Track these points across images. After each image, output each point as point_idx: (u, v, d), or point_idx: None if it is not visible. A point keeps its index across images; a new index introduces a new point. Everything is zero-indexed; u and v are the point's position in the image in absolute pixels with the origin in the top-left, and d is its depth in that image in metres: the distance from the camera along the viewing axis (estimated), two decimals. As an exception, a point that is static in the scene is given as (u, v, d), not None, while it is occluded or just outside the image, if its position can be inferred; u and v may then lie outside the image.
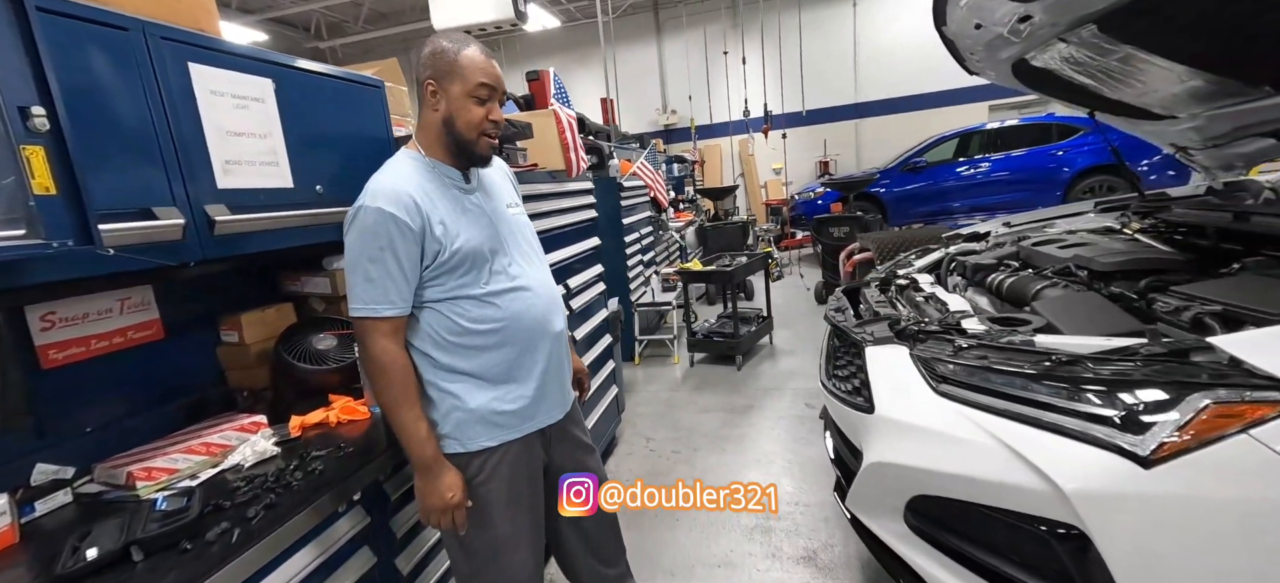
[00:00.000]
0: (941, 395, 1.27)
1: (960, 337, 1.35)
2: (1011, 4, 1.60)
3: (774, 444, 3.04)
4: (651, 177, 4.71)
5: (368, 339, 1.23)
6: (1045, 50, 1.90)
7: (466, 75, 1.25)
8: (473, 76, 1.25)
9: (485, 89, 1.26)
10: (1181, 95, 1.78)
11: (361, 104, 1.83)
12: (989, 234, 2.42)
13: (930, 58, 10.51)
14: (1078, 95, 2.14)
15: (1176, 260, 1.47)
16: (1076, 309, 1.32)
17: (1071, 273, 1.58)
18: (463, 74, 1.25)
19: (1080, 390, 1.01)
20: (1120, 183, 7.60)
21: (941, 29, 2.04)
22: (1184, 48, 1.52)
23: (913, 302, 1.79)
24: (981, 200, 8.06)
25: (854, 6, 10.86)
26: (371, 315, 1.22)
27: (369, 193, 1.23)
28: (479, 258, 1.29)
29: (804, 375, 4.00)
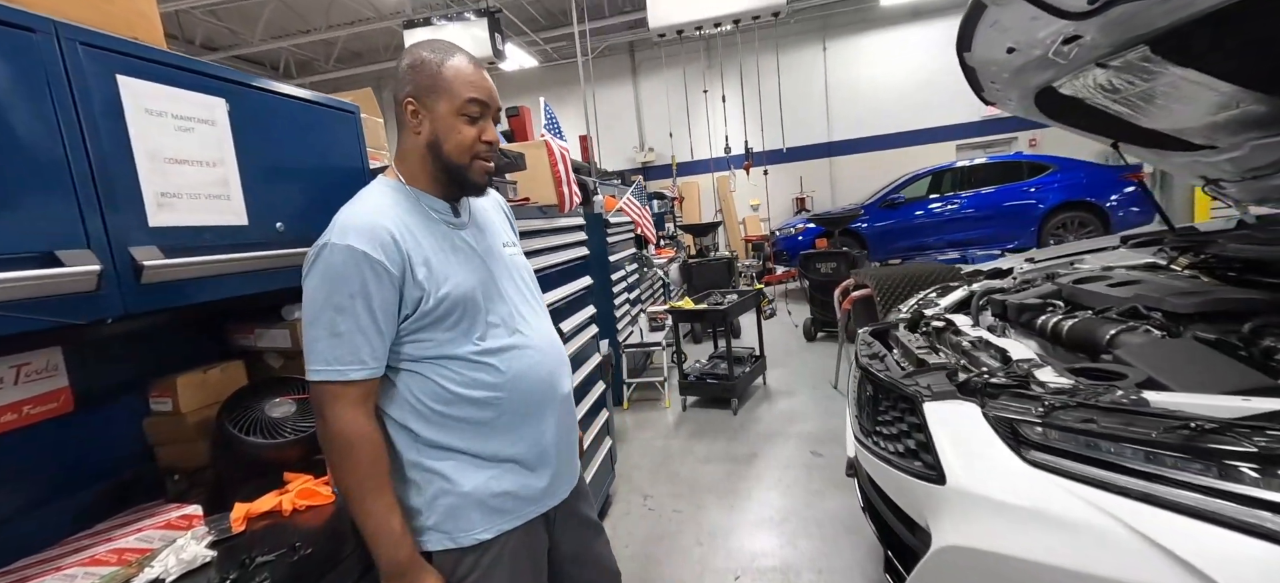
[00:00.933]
0: (1033, 465, 1.07)
1: (1042, 392, 1.15)
2: (1058, 24, 1.48)
3: (785, 499, 2.80)
4: (639, 212, 4.54)
5: (330, 409, 0.97)
6: (1078, 77, 1.79)
7: (454, 90, 1.04)
8: (461, 91, 1.04)
9: (477, 105, 1.06)
10: (1227, 123, 1.68)
11: (334, 132, 1.60)
12: (1011, 270, 2.28)
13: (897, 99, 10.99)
14: (1102, 125, 2.05)
15: (1265, 301, 1.33)
16: (1178, 360, 1.15)
17: (1140, 315, 1.42)
18: (449, 89, 1.04)
19: (1244, 467, 0.82)
20: (1091, 218, 7.81)
21: (963, 55, 1.92)
22: (1248, 69, 1.42)
23: (956, 346, 1.61)
24: (958, 235, 8.17)
25: (824, 50, 11.16)
26: (336, 379, 0.96)
27: (336, 228, 0.99)
28: (471, 307, 1.06)
29: (804, 418, 3.79)
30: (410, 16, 8.58)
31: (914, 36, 10.81)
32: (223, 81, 1.25)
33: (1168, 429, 0.91)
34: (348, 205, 1.05)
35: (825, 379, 4.47)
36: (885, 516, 1.54)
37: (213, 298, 1.19)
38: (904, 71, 10.94)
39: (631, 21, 10.44)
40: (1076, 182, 7.91)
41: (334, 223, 1.01)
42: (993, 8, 1.57)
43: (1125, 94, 1.78)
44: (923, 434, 1.30)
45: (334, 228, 1.00)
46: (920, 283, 3.48)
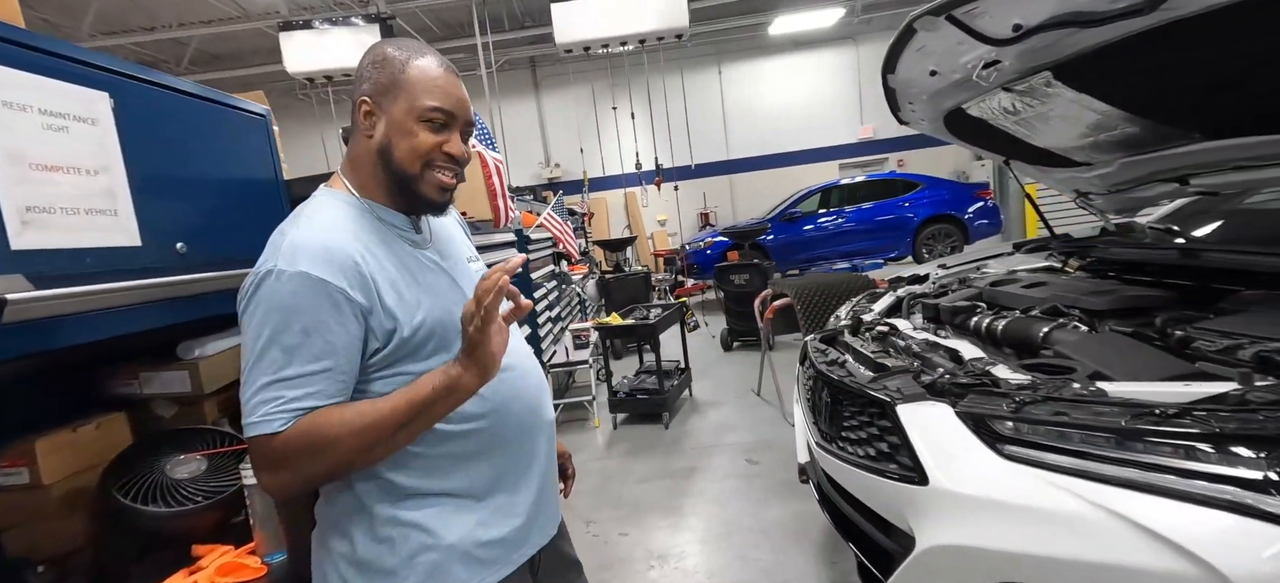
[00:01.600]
0: (1010, 460, 1.13)
1: (1007, 388, 1.23)
2: (981, 50, 1.62)
3: (729, 511, 2.81)
4: (560, 228, 4.42)
5: (282, 457, 0.80)
6: (985, 99, 1.98)
7: (414, 92, 0.90)
8: (422, 95, 0.90)
9: (440, 114, 0.91)
10: (1105, 143, 1.94)
11: (242, 138, 1.37)
12: (928, 276, 2.47)
13: (787, 120, 11.77)
14: (999, 143, 2.29)
15: (1162, 297, 1.53)
16: (1110, 352, 1.28)
17: (1061, 313, 1.58)
18: (409, 90, 0.90)
19: (1218, 448, 0.90)
20: (954, 229, 8.86)
21: (887, 77, 2.06)
22: (1128, 95, 1.64)
23: (906, 349, 1.69)
24: (847, 247, 8.91)
25: (720, 73, 11.74)
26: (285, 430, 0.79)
27: (285, 250, 0.82)
28: (448, 334, 0.92)
29: (735, 428, 3.86)
30: (286, 18, 7.81)
31: (799, 63, 11.68)
32: (106, 72, 1.01)
33: (1135, 416, 0.99)
34: (292, 223, 0.88)
35: (747, 387, 4.60)
36: (854, 520, 1.57)
37: (98, 337, 0.95)
38: (792, 95, 11.77)
39: (534, 36, 10.29)
40: (941, 197, 8.95)
41: (278, 245, 0.84)
42: (922, 33, 1.69)
43: (1023, 116, 2.00)
44: (897, 437, 1.34)
45: (280, 251, 0.82)
46: (834, 292, 3.70)
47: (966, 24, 1.53)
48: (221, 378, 1.32)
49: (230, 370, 1.36)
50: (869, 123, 11.72)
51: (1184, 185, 2.01)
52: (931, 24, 1.60)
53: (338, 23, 7.58)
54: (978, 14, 1.48)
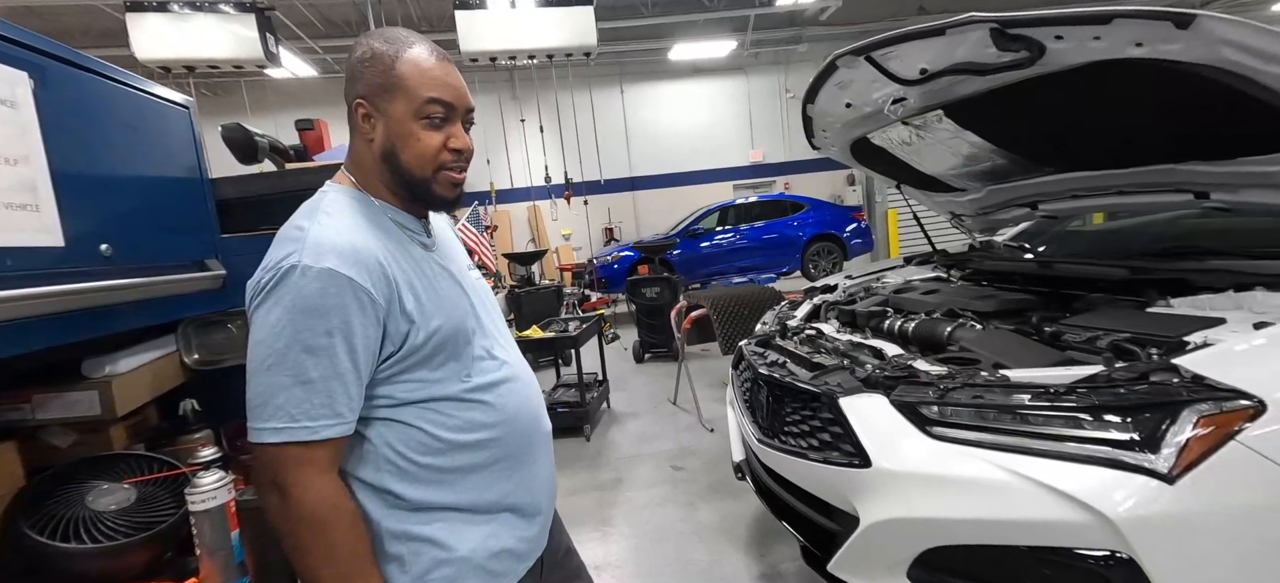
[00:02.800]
0: (938, 439, 1.32)
1: (931, 379, 1.43)
2: (892, 88, 1.87)
3: (661, 517, 2.88)
4: (476, 239, 4.29)
5: (295, 479, 0.76)
6: (887, 131, 2.27)
7: (411, 89, 0.88)
8: (420, 89, 0.88)
9: (440, 107, 0.89)
10: (978, 173, 2.30)
11: (165, 130, 1.23)
12: (837, 286, 2.74)
13: (686, 141, 12.32)
14: (894, 169, 2.61)
15: (1030, 300, 1.84)
16: (1002, 346, 1.52)
17: (957, 315, 1.84)
18: (405, 87, 0.88)
19: (1092, 418, 1.13)
20: (835, 247, 9.77)
21: (807, 106, 2.29)
22: (1000, 133, 1.97)
23: (835, 350, 1.88)
24: (744, 262, 9.49)
25: (622, 93, 12.04)
26: (306, 439, 0.76)
27: (310, 245, 0.78)
28: (461, 340, 0.92)
29: (655, 437, 3.96)
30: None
31: (696, 89, 12.30)
32: (25, 49, 0.88)
33: (1034, 396, 1.21)
34: (309, 218, 0.83)
35: (664, 397, 4.74)
36: (797, 508, 1.71)
37: (12, 354, 0.81)
38: (690, 118, 12.35)
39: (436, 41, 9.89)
40: (824, 218, 9.85)
41: (299, 239, 0.79)
42: (842, 69, 1.91)
43: (916, 146, 2.31)
44: (839, 427, 1.49)
45: (304, 245, 0.78)
46: (747, 303, 3.95)
47: (881, 65, 1.76)
48: (135, 399, 1.16)
49: (145, 390, 1.19)
50: (758, 147, 12.60)
51: (1034, 210, 2.44)
52: (852, 62, 1.82)
53: (202, 8, 6.77)
54: (892, 57, 1.71)
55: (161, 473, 1.03)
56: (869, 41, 1.69)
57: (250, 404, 0.77)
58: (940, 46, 1.57)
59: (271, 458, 0.76)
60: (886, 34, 1.63)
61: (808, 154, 13.11)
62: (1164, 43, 1.25)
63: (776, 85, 12.14)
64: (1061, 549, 1.10)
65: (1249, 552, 1.02)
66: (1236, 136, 1.54)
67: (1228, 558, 1.02)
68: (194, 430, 1.35)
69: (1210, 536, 1.02)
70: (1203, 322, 1.30)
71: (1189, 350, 1.19)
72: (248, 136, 1.85)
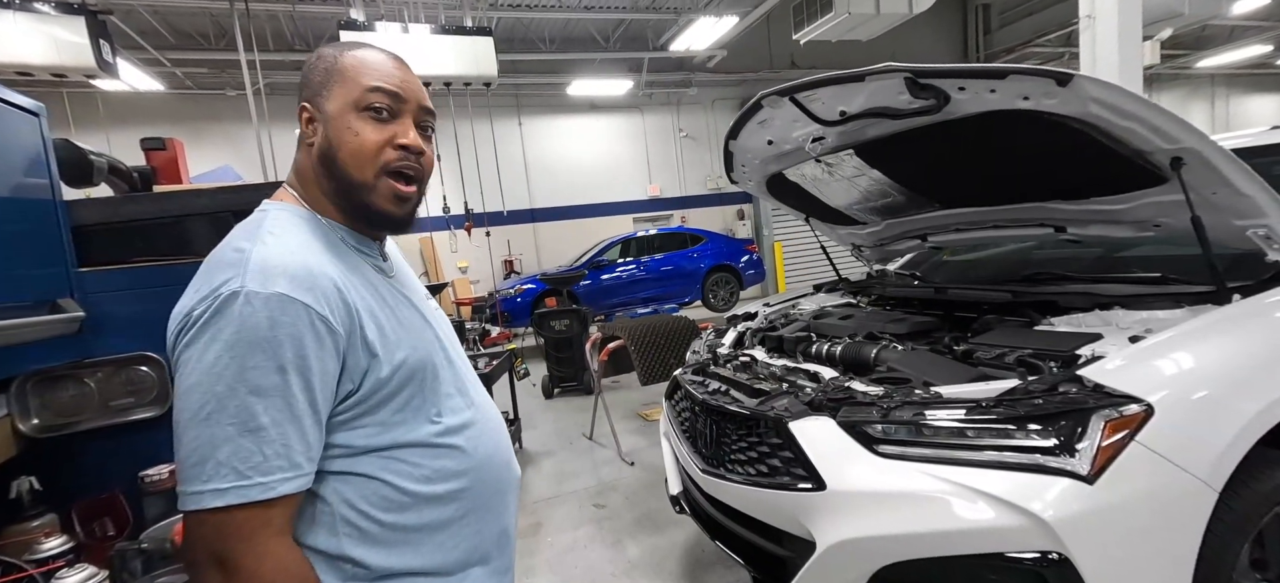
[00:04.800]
0: (885, 457, 1.38)
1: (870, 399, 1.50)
2: (812, 128, 2.00)
3: (592, 558, 2.75)
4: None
5: (245, 550, 0.64)
6: (800, 167, 2.43)
7: (350, 77, 0.79)
8: (359, 77, 0.79)
9: (382, 96, 0.79)
10: (879, 207, 2.53)
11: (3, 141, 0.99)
12: (757, 313, 2.85)
13: (585, 175, 12.44)
14: (804, 203, 2.80)
15: (934, 323, 2.03)
16: (925, 365, 1.65)
17: (877, 338, 1.98)
18: (343, 78, 0.79)
19: (1018, 428, 1.24)
20: (731, 277, 10.27)
21: (729, 142, 2.38)
22: (901, 172, 2.18)
23: (771, 375, 1.93)
24: (648, 292, 9.67)
25: (520, 125, 11.93)
26: (258, 499, 0.63)
27: (254, 269, 0.66)
28: (428, 375, 0.82)
29: (574, 475, 3.82)
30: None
31: (595, 124, 12.51)
32: None
33: (969, 410, 1.31)
34: (248, 239, 0.71)
35: (578, 432, 4.61)
36: (744, 537, 1.71)
37: None
38: (589, 152, 12.49)
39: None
40: (721, 249, 10.35)
41: (239, 263, 0.67)
42: (767, 108, 2.02)
43: (825, 182, 2.49)
44: (789, 452, 1.52)
45: (246, 269, 0.65)
46: (664, 334, 3.99)
47: (804, 105, 1.88)
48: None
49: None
50: (656, 182, 13.02)
51: (923, 241, 2.72)
52: (776, 102, 1.92)
53: (14, 6, 5.75)
54: (815, 99, 1.83)
55: None
56: (796, 83, 1.80)
57: (182, 465, 0.62)
58: (860, 91, 1.71)
59: (214, 528, 0.62)
60: (812, 78, 1.75)
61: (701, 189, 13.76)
62: (1046, 96, 1.46)
63: (671, 124, 12.68)
64: (1000, 555, 1.18)
65: (1158, 538, 1.17)
66: (1089, 180, 1.83)
67: (1144, 548, 1.16)
68: (30, 516, 1.06)
69: (1127, 528, 1.15)
70: (1085, 337, 1.50)
71: (1082, 364, 1.36)
72: (81, 156, 1.54)
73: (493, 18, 8.99)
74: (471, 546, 0.84)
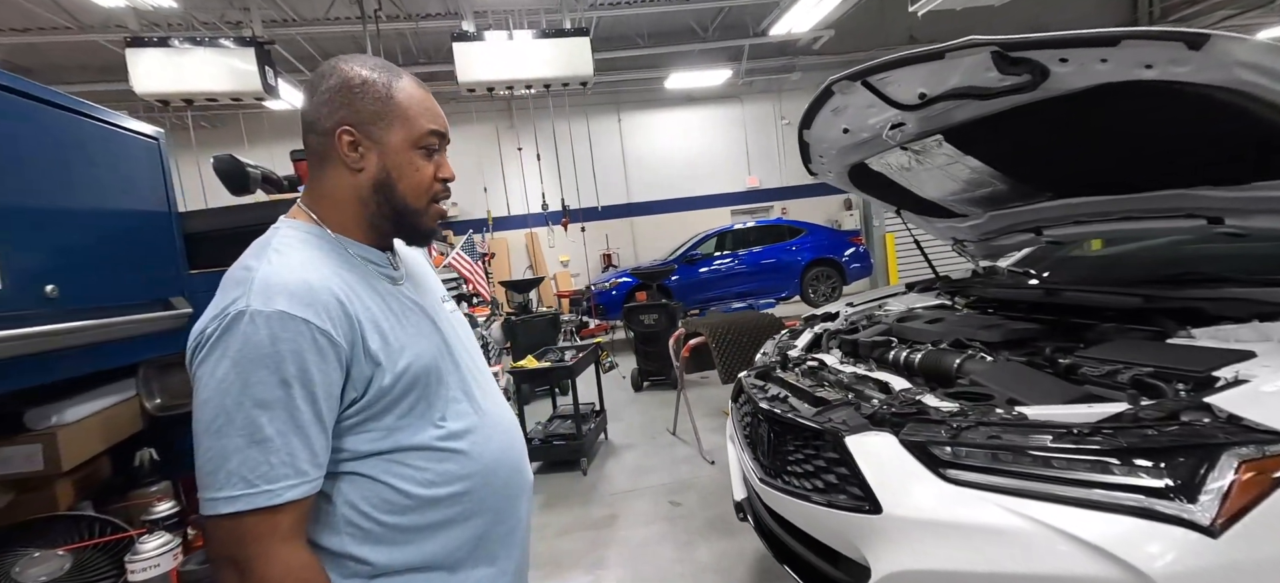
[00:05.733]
0: (953, 483, 1.22)
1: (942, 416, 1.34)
2: (889, 113, 1.82)
3: (656, 559, 2.75)
4: (470, 269, 4.22)
5: (256, 554, 0.69)
6: (884, 156, 2.22)
7: (411, 119, 0.85)
8: (420, 121, 0.86)
9: (436, 139, 0.88)
10: (979, 198, 2.25)
11: (129, 162, 1.17)
12: (838, 314, 2.67)
13: (682, 168, 12.38)
14: (892, 194, 2.56)
15: (1038, 330, 1.77)
16: (1015, 379, 1.44)
17: (964, 346, 1.76)
18: (405, 117, 0.84)
19: (1121, 462, 1.04)
20: (833, 272, 9.72)
21: (803, 132, 2.24)
22: (1002, 157, 1.92)
23: (838, 382, 1.80)
24: (742, 287, 9.44)
25: (619, 121, 12.13)
26: (265, 505, 0.68)
27: (258, 287, 0.72)
28: (432, 381, 0.85)
29: (653, 470, 3.84)
30: (136, 34, 6.90)
31: (692, 117, 12.41)
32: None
33: (1056, 437, 1.12)
34: (257, 257, 0.77)
35: (662, 427, 4.62)
36: (801, 554, 1.61)
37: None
38: (686, 145, 12.43)
39: (429, 73, 9.97)
40: (822, 243, 9.83)
41: (245, 281, 0.73)
42: (838, 95, 1.87)
43: (914, 172, 2.26)
44: (845, 468, 1.40)
45: (250, 288, 0.71)
46: (747, 331, 3.86)
47: (879, 89, 1.71)
48: (85, 451, 1.07)
49: (97, 441, 1.10)
50: (754, 174, 12.66)
51: (1038, 235, 2.37)
52: (848, 88, 1.77)
53: (203, 42, 6.83)
54: (889, 82, 1.66)
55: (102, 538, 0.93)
56: (866, 66, 1.65)
57: (200, 473, 0.69)
58: (939, 71, 1.52)
59: (227, 532, 0.68)
60: (884, 59, 1.59)
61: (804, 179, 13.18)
62: (1174, 64, 1.20)
63: (771, 112, 12.24)
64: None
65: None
66: (1248, 161, 1.48)
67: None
68: (149, 483, 1.25)
69: (1262, 595, 0.92)
70: (1230, 355, 1.22)
71: (1219, 387, 1.11)
72: (239, 167, 1.81)
73: (592, 17, 9.21)
74: (476, 546, 0.86)
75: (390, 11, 8.59)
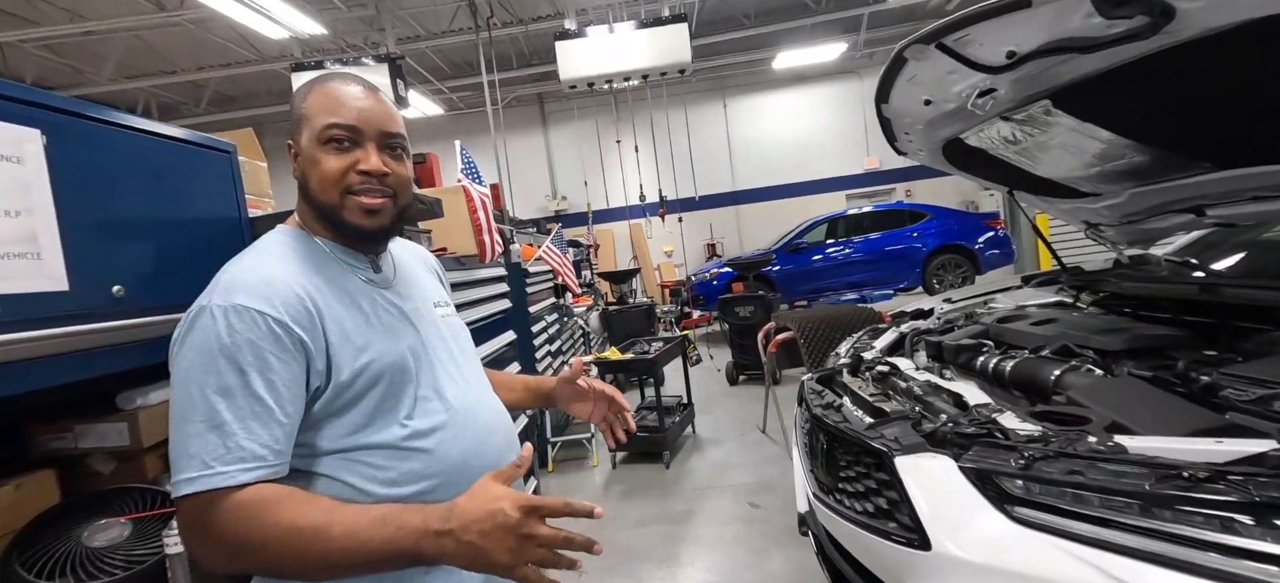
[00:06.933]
0: (1020, 523, 1.01)
1: (1014, 440, 1.11)
2: (975, 78, 1.55)
3: (728, 562, 2.65)
4: (559, 261, 4.37)
5: (212, 528, 0.71)
6: (983, 129, 1.90)
7: (313, 117, 0.86)
8: (318, 116, 0.86)
9: (340, 130, 0.85)
10: (1112, 172, 1.85)
11: (202, 174, 1.32)
12: (933, 311, 2.36)
13: (791, 152, 11.80)
14: (1000, 174, 2.20)
15: (1179, 337, 1.41)
16: (1129, 400, 1.16)
17: (1072, 353, 1.46)
18: (309, 117, 0.87)
19: (1260, 520, 0.78)
20: (964, 260, 8.69)
21: (881, 107, 1.99)
22: (1134, 122, 1.55)
23: (907, 391, 1.58)
24: (854, 277, 8.79)
25: (724, 107, 11.84)
26: (223, 486, 0.71)
27: (221, 285, 0.77)
28: (398, 379, 0.85)
29: (737, 467, 3.71)
30: (299, 60, 8.01)
31: (803, 97, 11.77)
32: (39, 108, 0.96)
33: (1161, 479, 0.88)
34: (235, 260, 0.83)
35: (752, 424, 4.46)
36: (848, 577, 1.44)
37: (11, 393, 0.88)
38: (796, 128, 11.83)
39: (539, 73, 10.47)
40: (950, 227, 8.82)
41: (215, 281, 0.79)
42: (912, 62, 1.62)
43: (1024, 145, 1.91)
44: (895, 492, 1.22)
45: (216, 287, 0.78)
46: (838, 325, 3.57)
47: (958, 52, 1.46)
48: (163, 431, 1.24)
49: (178, 421, 1.28)
50: (874, 154, 11.71)
51: (1200, 216, 1.90)
52: (921, 52, 1.53)
53: (348, 62, 7.75)
54: (968, 42, 1.41)
55: (155, 510, 1.08)
56: (939, 25, 1.41)
57: (170, 460, 0.75)
58: (1028, 23, 1.25)
59: (188, 511, 0.74)
60: (959, 14, 1.34)
61: (929, 158, 11.90)
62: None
63: (893, 86, 11.22)
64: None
65: None
66: None
67: None
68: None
69: None
70: None
71: None
72: None
73: (692, 2, 9.05)
74: None
75: (503, 17, 9.12)
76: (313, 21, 6.96)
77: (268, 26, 6.73)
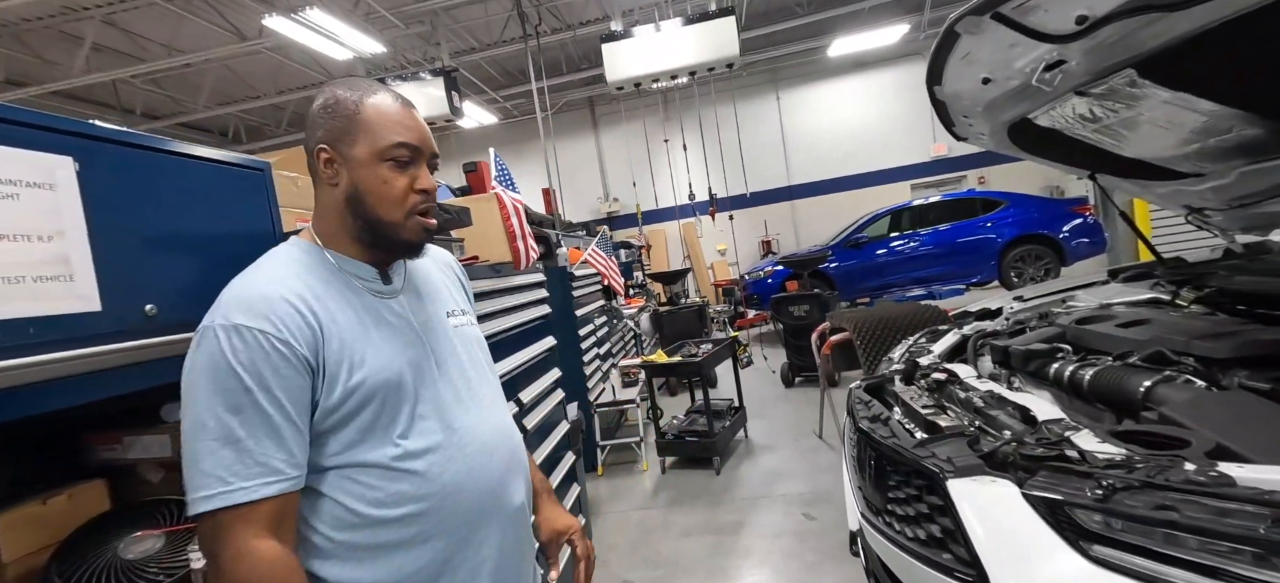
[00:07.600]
0: (1100, 565, 0.86)
1: (1092, 465, 0.96)
2: (1039, 50, 1.37)
3: (782, 577, 2.52)
4: (604, 263, 4.35)
5: (226, 546, 0.72)
6: (1055, 107, 1.70)
7: (375, 131, 0.85)
8: (384, 133, 0.85)
9: (405, 150, 0.86)
10: (1217, 149, 1.60)
11: (236, 194, 1.35)
12: (1000, 310, 2.14)
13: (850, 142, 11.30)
14: (1079, 156, 1.97)
15: (1305, 340, 1.19)
16: (1240, 419, 0.98)
17: (1167, 361, 1.26)
18: (369, 130, 0.85)
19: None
20: (1047, 251, 8.01)
21: (934, 89, 1.82)
22: (1243, 90, 1.33)
23: (966, 403, 1.42)
24: (921, 273, 8.29)
25: (778, 99, 11.50)
26: (240, 502, 0.72)
27: (221, 305, 0.78)
28: (395, 396, 0.83)
29: (790, 476, 3.55)
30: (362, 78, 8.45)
31: (862, 84, 11.26)
32: (70, 136, 1.00)
33: (1279, 521, 0.72)
34: (239, 276, 0.84)
35: (808, 428, 4.27)
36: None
37: (35, 411, 0.91)
38: (855, 117, 11.33)
39: (589, 77, 10.56)
40: (1029, 216, 8.15)
41: (219, 299, 0.80)
42: (965, 38, 1.46)
43: (1106, 123, 1.69)
44: (949, 519, 1.09)
45: (218, 305, 0.79)
46: (898, 325, 3.35)
47: (1018, 22, 1.30)
48: (207, 441, 1.29)
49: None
50: (942, 140, 11.02)
51: (1330, 195, 1.61)
52: (975, 26, 1.38)
53: (407, 78, 8.10)
54: (1030, 9, 1.24)
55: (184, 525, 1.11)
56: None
57: (184, 478, 0.76)
58: (1103, -22, 1.09)
59: (205, 529, 0.74)
60: (1017, -23, 1.19)
61: (1003, 142, 11.12)
62: None
63: (961, 66, 10.53)
64: None
65: None
66: None
67: None
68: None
69: None
70: None
71: None
72: None
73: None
74: (440, 571, 0.83)
75: (552, 24, 9.25)
76: (374, 41, 7.32)
77: (335, 49, 7.13)
